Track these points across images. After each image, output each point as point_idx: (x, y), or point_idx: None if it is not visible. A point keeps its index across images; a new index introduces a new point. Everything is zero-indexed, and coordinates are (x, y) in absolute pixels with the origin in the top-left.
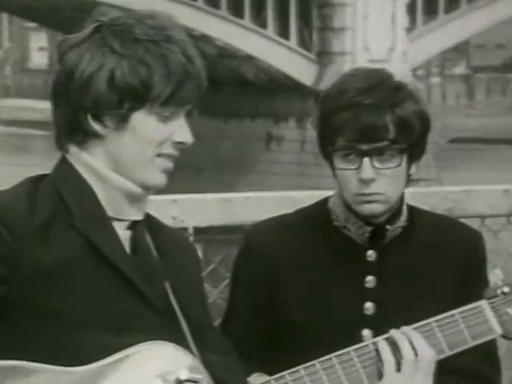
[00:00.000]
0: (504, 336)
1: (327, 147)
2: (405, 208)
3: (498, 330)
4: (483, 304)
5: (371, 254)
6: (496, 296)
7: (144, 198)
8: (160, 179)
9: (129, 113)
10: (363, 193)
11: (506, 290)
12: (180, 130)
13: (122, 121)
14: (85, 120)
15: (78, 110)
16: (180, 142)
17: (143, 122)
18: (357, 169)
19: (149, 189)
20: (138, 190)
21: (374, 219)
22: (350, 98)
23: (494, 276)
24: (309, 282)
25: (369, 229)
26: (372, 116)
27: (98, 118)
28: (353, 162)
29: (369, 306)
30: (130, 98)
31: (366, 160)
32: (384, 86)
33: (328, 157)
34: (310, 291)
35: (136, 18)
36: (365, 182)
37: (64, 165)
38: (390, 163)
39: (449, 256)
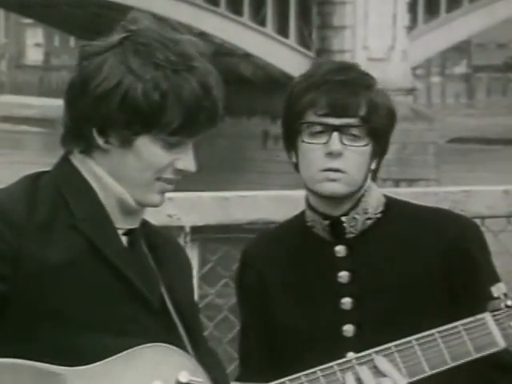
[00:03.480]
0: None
1: (294, 125)
2: (375, 202)
3: (501, 343)
4: (486, 316)
5: (340, 250)
6: (499, 309)
7: (140, 211)
8: (156, 199)
9: (134, 136)
10: (329, 167)
11: (509, 303)
12: (184, 158)
13: (126, 141)
14: (90, 132)
15: (85, 121)
16: (182, 170)
17: (147, 147)
18: (325, 143)
19: (144, 206)
20: (134, 203)
21: (325, 207)
22: (321, 75)
23: (497, 290)
24: (290, 287)
25: (326, 222)
26: (345, 91)
27: (103, 133)
28: (321, 137)
29: (346, 301)
30: (137, 122)
31: (336, 134)
32: (356, 70)
33: (292, 143)
34: (293, 296)
35: (161, 41)
36: (333, 156)
37: (66, 164)
38: (358, 142)
39: (431, 244)
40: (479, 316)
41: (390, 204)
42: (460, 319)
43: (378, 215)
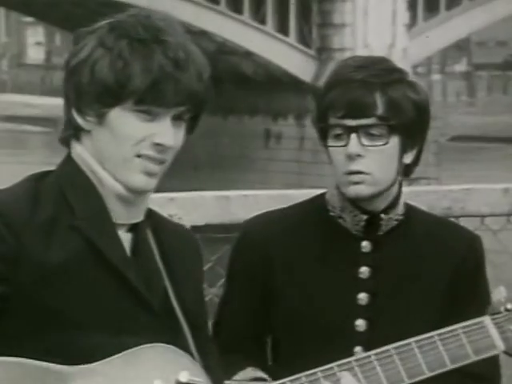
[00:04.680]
0: (506, 352)
1: (320, 128)
2: (402, 202)
3: (500, 346)
4: (486, 319)
5: (366, 245)
6: (499, 312)
7: (139, 202)
8: (139, 180)
9: (105, 109)
10: (350, 170)
11: (509, 306)
12: (161, 132)
13: (100, 116)
14: (70, 113)
15: (67, 103)
16: (159, 144)
17: (120, 119)
18: (345, 146)
19: (131, 191)
20: (125, 192)
21: (366, 206)
22: (342, 74)
23: (498, 293)
24: (302, 271)
25: (364, 217)
26: (360, 92)
27: (81, 112)
28: (342, 139)
29: (363, 297)
30: (106, 94)
31: (354, 136)
32: (379, 66)
33: (324, 146)
34: (304, 280)
35: (136, 17)
36: (351, 158)
37: (69, 163)
38: (378, 141)
39: (443, 253)
40: (478, 319)
41: (409, 207)
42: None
43: (401, 217)
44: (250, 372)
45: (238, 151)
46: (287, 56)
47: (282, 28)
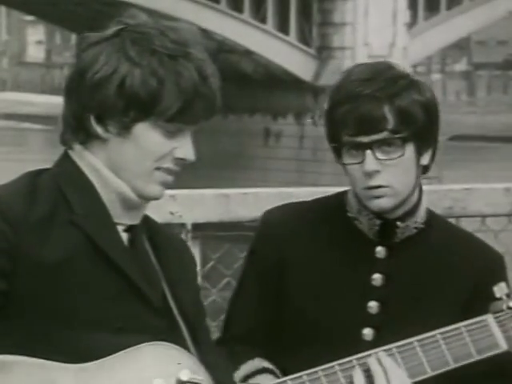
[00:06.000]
0: (509, 352)
1: (334, 144)
2: (423, 210)
3: (503, 345)
4: (488, 318)
5: (380, 251)
6: (501, 310)
7: (142, 205)
8: (156, 191)
9: (132, 122)
10: (369, 186)
11: (511, 304)
12: (183, 147)
13: (125, 129)
14: (88, 121)
15: (84, 110)
16: (181, 159)
17: (146, 133)
18: (361, 163)
19: (144, 198)
20: (135, 197)
21: (385, 214)
22: (349, 90)
23: (499, 290)
24: (315, 271)
25: (378, 222)
26: (369, 107)
27: (101, 122)
28: (357, 156)
29: (373, 305)
30: (135, 108)
31: (369, 152)
32: (383, 77)
33: (339, 161)
34: (316, 280)
35: (159, 29)
36: (369, 175)
37: (67, 161)
38: (393, 154)
39: (462, 269)
40: (481, 318)
41: (432, 216)
42: None
43: (422, 225)
44: (257, 362)
45: (238, 149)
46: (287, 55)
47: (283, 27)
